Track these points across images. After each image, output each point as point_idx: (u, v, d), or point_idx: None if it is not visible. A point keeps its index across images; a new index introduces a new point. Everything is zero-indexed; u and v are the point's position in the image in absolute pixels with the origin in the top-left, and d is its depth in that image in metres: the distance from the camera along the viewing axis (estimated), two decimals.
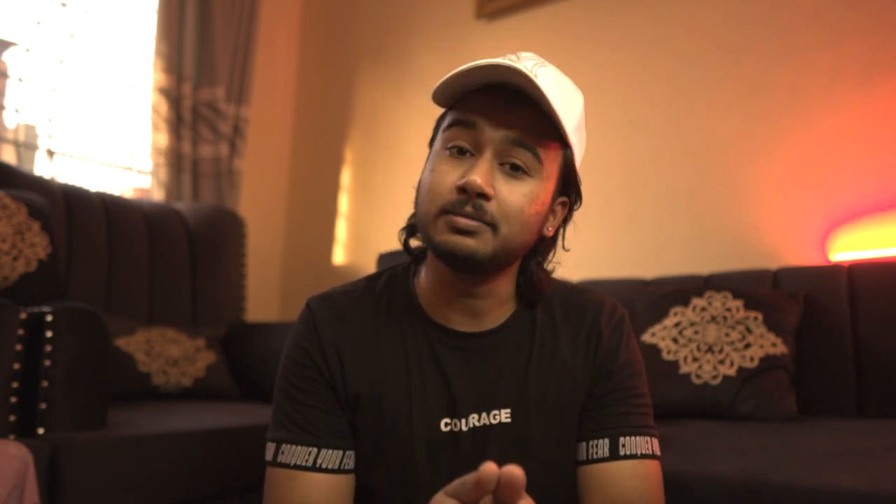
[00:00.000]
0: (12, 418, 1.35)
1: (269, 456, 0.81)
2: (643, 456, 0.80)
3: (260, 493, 1.75)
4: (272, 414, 0.84)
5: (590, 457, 0.81)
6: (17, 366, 1.37)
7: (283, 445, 0.80)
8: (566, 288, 0.90)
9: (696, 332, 1.80)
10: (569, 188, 0.81)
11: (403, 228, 0.86)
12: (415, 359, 0.82)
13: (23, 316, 1.39)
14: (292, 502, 0.78)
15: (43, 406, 1.39)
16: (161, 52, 2.83)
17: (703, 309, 1.83)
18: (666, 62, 2.39)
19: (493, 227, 0.73)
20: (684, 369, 1.75)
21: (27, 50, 2.61)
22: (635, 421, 0.82)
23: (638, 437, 0.81)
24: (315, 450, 0.79)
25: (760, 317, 1.77)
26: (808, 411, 1.74)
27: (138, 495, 1.47)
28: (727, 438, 1.43)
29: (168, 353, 2.09)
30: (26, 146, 2.66)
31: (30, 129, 2.74)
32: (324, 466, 0.79)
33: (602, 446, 0.80)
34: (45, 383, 1.40)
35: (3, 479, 1.20)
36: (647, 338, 1.85)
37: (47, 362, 1.40)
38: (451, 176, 0.74)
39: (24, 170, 2.24)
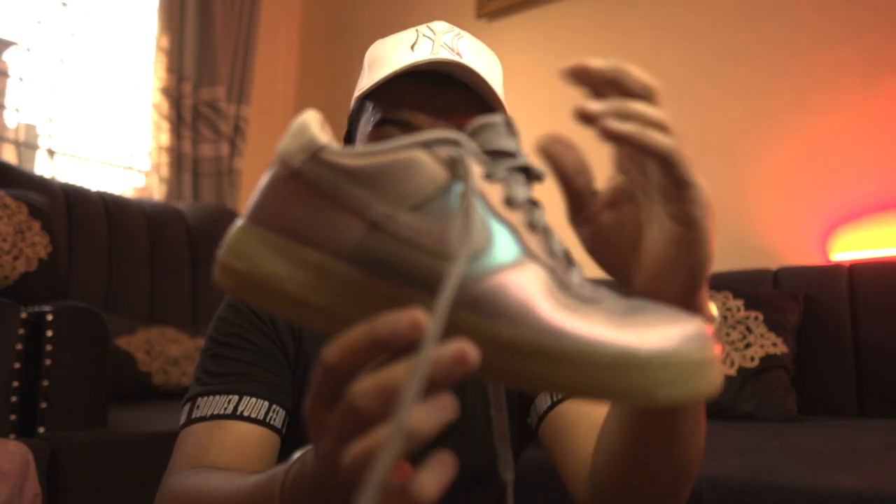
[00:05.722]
0: (13, 417, 1.35)
1: (182, 419, 0.69)
2: None
3: None
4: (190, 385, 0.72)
5: (554, 398, 0.73)
6: (17, 365, 1.37)
7: (199, 399, 0.68)
8: None
9: None
10: None
11: None
12: None
13: (23, 315, 1.39)
14: (207, 455, 0.65)
15: (43, 405, 1.39)
16: (161, 51, 2.83)
17: None
18: (666, 62, 2.39)
19: None
20: None
21: (28, 49, 2.61)
22: None
23: None
24: (236, 397, 0.67)
25: (761, 316, 1.77)
26: (808, 411, 1.74)
27: (138, 495, 1.47)
28: (727, 438, 1.43)
29: (168, 352, 2.09)
30: (27, 145, 2.66)
31: (30, 129, 2.74)
32: (245, 414, 0.67)
33: None
34: (45, 382, 1.40)
35: (3, 479, 1.20)
36: None
37: (48, 361, 1.40)
38: None
39: (24, 169, 2.24)
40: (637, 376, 0.31)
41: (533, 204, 0.36)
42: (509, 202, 0.35)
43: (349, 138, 0.76)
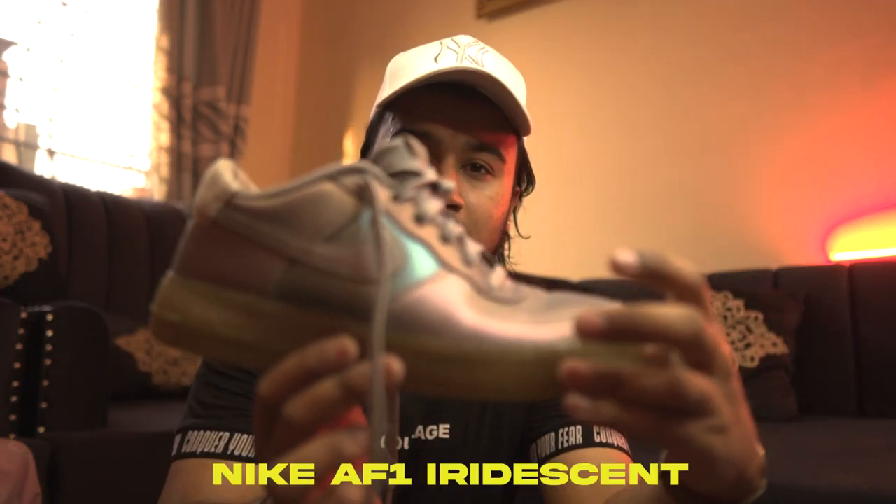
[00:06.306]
0: (13, 417, 1.35)
1: (174, 449, 0.68)
2: (620, 448, 0.70)
3: None
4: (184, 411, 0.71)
5: (560, 446, 0.70)
6: (17, 365, 1.37)
7: (190, 433, 0.66)
8: None
9: None
10: (521, 175, 0.76)
11: None
12: None
13: (23, 315, 1.39)
14: (198, 493, 0.63)
15: (43, 405, 1.39)
16: (161, 51, 2.83)
17: None
18: (666, 62, 2.39)
19: None
20: None
21: (28, 49, 2.61)
22: None
23: (612, 431, 0.70)
24: (227, 434, 0.65)
25: (761, 316, 1.77)
26: (808, 411, 1.74)
27: (138, 495, 1.47)
28: None
29: (168, 352, 2.09)
30: (27, 145, 2.66)
31: (30, 129, 2.74)
32: (236, 453, 0.65)
33: (574, 433, 0.70)
34: (45, 382, 1.40)
35: (3, 479, 1.20)
36: None
37: (48, 361, 1.40)
38: None
39: (24, 169, 2.24)
40: (559, 367, 0.32)
41: (445, 216, 0.37)
42: (419, 219, 0.36)
43: (366, 149, 0.74)
